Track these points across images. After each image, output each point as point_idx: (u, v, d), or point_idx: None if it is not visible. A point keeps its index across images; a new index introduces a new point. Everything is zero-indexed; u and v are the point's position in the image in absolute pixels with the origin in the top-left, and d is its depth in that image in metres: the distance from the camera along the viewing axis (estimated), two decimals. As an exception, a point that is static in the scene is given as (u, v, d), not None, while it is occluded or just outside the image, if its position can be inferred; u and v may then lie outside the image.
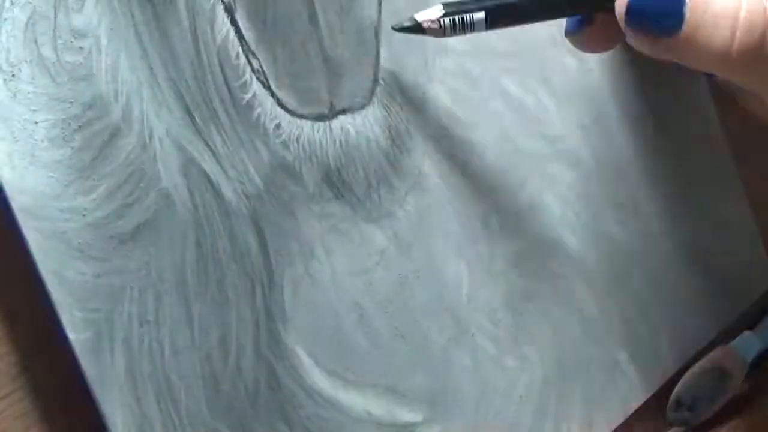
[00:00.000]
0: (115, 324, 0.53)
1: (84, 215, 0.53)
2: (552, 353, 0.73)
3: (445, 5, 0.62)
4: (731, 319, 0.87)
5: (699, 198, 0.84)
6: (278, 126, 0.62)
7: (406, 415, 0.65)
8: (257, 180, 0.60)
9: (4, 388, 0.54)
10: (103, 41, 0.55)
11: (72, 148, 0.53)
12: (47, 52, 0.53)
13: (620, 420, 0.77)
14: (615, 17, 0.61)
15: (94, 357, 0.53)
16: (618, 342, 0.78)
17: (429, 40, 0.65)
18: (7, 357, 0.54)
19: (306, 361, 0.61)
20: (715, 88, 0.85)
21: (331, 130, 0.64)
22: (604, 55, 0.78)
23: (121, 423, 0.53)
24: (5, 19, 0.52)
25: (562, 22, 0.70)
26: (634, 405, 0.79)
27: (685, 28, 0.57)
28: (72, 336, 0.52)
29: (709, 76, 0.84)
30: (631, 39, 0.60)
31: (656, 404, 0.81)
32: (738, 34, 0.56)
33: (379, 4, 0.66)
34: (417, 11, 0.62)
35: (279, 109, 0.62)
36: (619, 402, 0.77)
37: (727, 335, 0.86)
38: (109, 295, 0.53)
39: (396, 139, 0.66)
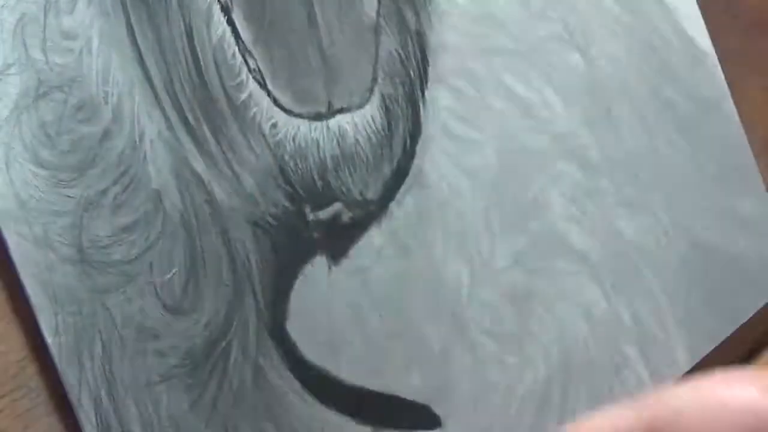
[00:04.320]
0: (96, 327, 0.54)
1: (70, 218, 0.53)
2: (556, 351, 0.73)
3: None
4: (747, 316, 0.86)
5: (716, 195, 0.84)
6: (274, 125, 0.62)
7: (403, 415, 0.65)
8: (251, 180, 0.60)
9: (4, 386, 0.54)
10: (95, 43, 0.56)
11: (60, 150, 0.54)
12: (36, 54, 0.53)
13: (628, 419, 0.76)
14: None
15: (73, 360, 0.53)
16: (627, 340, 0.77)
17: (429, 35, 0.66)
18: (6, 356, 0.54)
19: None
20: (732, 86, 0.84)
21: (328, 129, 0.63)
22: (612, 52, 0.78)
23: (96, 425, 0.53)
24: (-6, 22, 0.53)
25: (568, 23, 0.70)
26: (644, 404, 0.78)
27: None
28: (50, 339, 0.52)
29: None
30: None
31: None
32: None
33: (378, 3, 0.66)
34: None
35: (275, 109, 0.62)
36: (628, 401, 0.76)
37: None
38: (91, 298, 0.54)
39: (395, 137, 0.66)
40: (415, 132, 0.68)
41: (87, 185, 0.54)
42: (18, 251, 0.51)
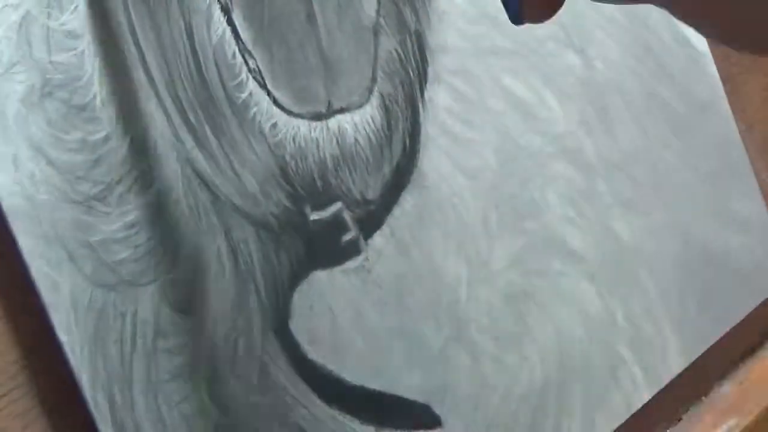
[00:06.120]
0: (108, 324, 0.54)
1: (77, 216, 0.53)
2: (553, 352, 0.73)
3: None
4: (740, 317, 0.86)
5: (710, 196, 0.84)
6: (274, 125, 0.62)
7: (403, 414, 0.65)
8: (253, 180, 0.60)
9: (3, 386, 0.54)
10: (98, 42, 0.55)
11: (65, 149, 0.53)
12: (40, 53, 0.53)
13: (623, 418, 0.77)
14: None
15: (86, 357, 0.53)
16: (622, 341, 0.77)
17: (428, 35, 0.66)
18: (5, 355, 0.54)
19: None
20: (730, 86, 0.85)
21: (328, 129, 0.63)
22: (608, 53, 0.78)
23: (111, 422, 0.53)
24: (-2, 21, 0.52)
25: (565, 24, 0.70)
26: (638, 404, 0.78)
27: None
28: (63, 338, 0.52)
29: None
30: None
31: (660, 403, 0.81)
32: None
33: (378, 3, 0.66)
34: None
35: (275, 109, 0.62)
36: (623, 401, 0.77)
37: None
38: (102, 296, 0.53)
39: (394, 137, 0.66)
40: (414, 132, 0.68)
41: (93, 184, 0.54)
42: (28, 249, 0.51)
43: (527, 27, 0.51)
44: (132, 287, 0.55)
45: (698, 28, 0.42)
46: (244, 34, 0.61)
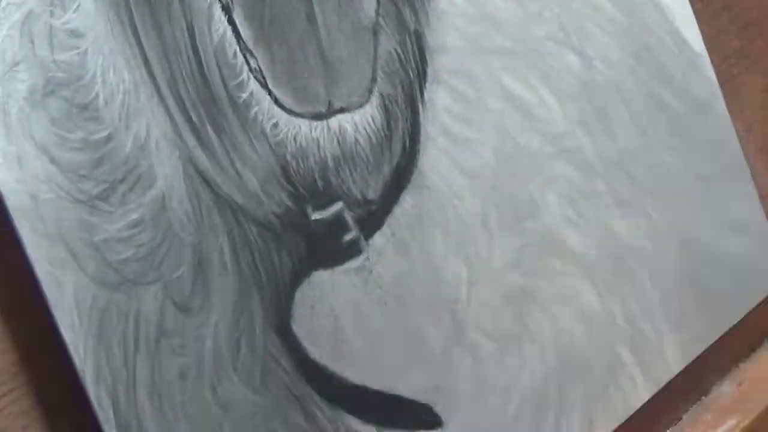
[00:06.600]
0: (111, 324, 0.53)
1: (80, 215, 0.53)
2: (553, 351, 0.73)
3: None
4: (738, 317, 0.86)
5: (708, 197, 0.84)
6: (276, 125, 0.62)
7: (404, 414, 0.65)
8: (254, 179, 0.60)
9: (4, 386, 0.54)
10: (100, 40, 0.55)
11: (68, 148, 0.53)
12: (43, 51, 0.53)
13: (623, 419, 0.77)
14: None
15: (89, 357, 0.53)
16: (622, 341, 0.77)
17: (428, 35, 0.66)
18: (6, 355, 0.54)
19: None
20: (729, 87, 0.85)
21: (328, 128, 0.63)
22: (608, 53, 0.78)
23: (115, 421, 0.53)
24: (1, 19, 0.52)
25: (564, 24, 0.70)
26: (638, 404, 0.78)
27: None
28: (67, 337, 0.52)
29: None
30: None
31: (660, 403, 0.81)
32: None
33: (378, 3, 0.66)
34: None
35: (276, 108, 0.62)
36: (622, 400, 0.77)
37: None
38: (105, 295, 0.53)
39: (394, 137, 0.66)
40: (414, 132, 0.68)
41: (96, 183, 0.54)
42: (32, 248, 0.51)
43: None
44: (135, 287, 0.55)
45: None
46: (245, 34, 0.61)
